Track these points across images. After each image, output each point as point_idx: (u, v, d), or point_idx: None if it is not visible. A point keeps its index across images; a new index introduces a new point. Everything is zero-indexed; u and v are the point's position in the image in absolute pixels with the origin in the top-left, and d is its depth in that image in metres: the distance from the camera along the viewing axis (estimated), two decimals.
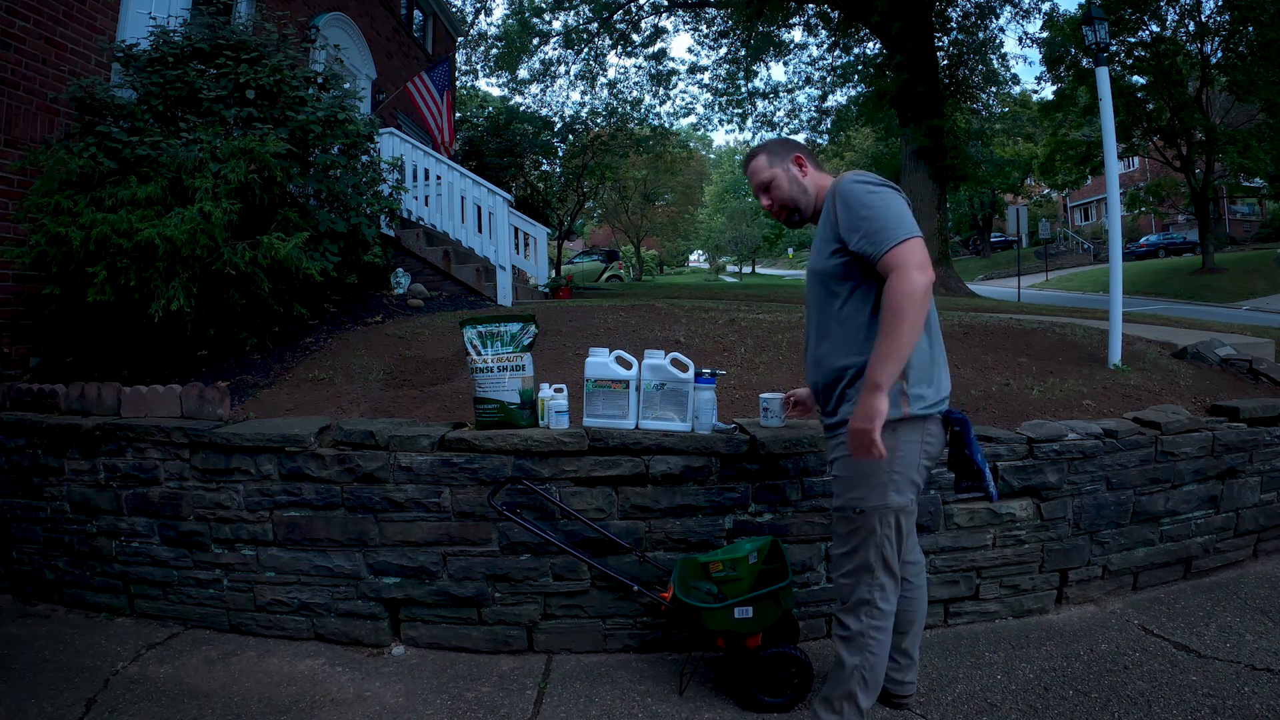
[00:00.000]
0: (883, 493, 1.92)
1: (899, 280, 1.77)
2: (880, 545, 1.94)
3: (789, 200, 2.11)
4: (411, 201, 7.09)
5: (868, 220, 1.84)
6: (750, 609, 2.29)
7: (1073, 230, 39.07)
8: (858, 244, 1.86)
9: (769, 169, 2.11)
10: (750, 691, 2.32)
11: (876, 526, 1.93)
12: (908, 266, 1.77)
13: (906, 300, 1.75)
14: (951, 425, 2.05)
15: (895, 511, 1.93)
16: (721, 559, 2.38)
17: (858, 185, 1.89)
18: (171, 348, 4.04)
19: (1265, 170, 19.66)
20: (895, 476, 1.91)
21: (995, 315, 6.10)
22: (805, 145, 2.19)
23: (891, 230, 1.81)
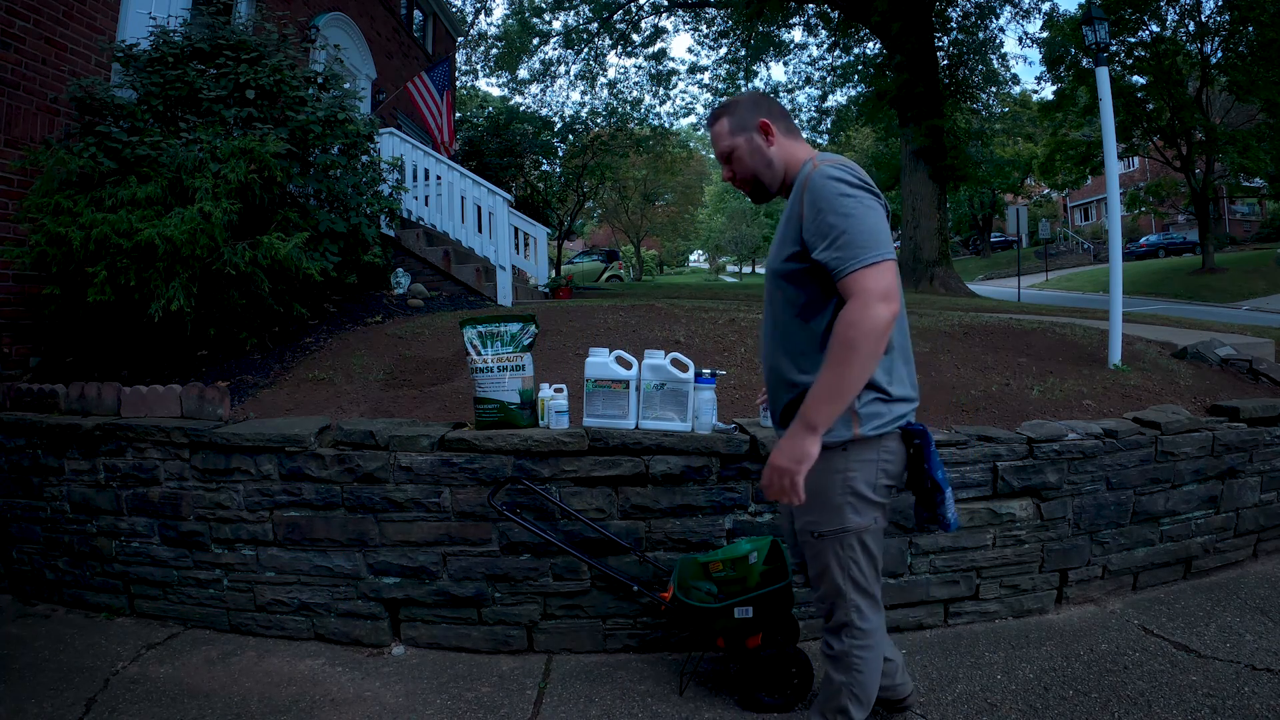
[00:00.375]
0: (839, 516, 1.75)
1: (858, 309, 1.56)
2: (846, 567, 1.78)
3: (749, 175, 1.85)
4: (411, 201, 7.09)
5: (837, 230, 1.61)
6: (750, 609, 2.29)
7: (1073, 230, 39.08)
8: (822, 254, 1.63)
9: (730, 137, 1.84)
10: (751, 691, 2.32)
11: (838, 550, 1.77)
12: (871, 295, 1.56)
13: (862, 335, 1.55)
14: (912, 439, 1.80)
15: (855, 533, 1.76)
16: (721, 559, 2.38)
17: (832, 183, 1.65)
18: (171, 348, 4.04)
19: (1265, 170, 19.66)
20: (851, 499, 1.74)
21: (995, 315, 6.10)
22: (777, 106, 1.89)
23: (861, 248, 1.59)
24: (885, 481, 1.77)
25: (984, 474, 2.84)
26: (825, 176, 1.67)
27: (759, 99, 1.89)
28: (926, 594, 2.83)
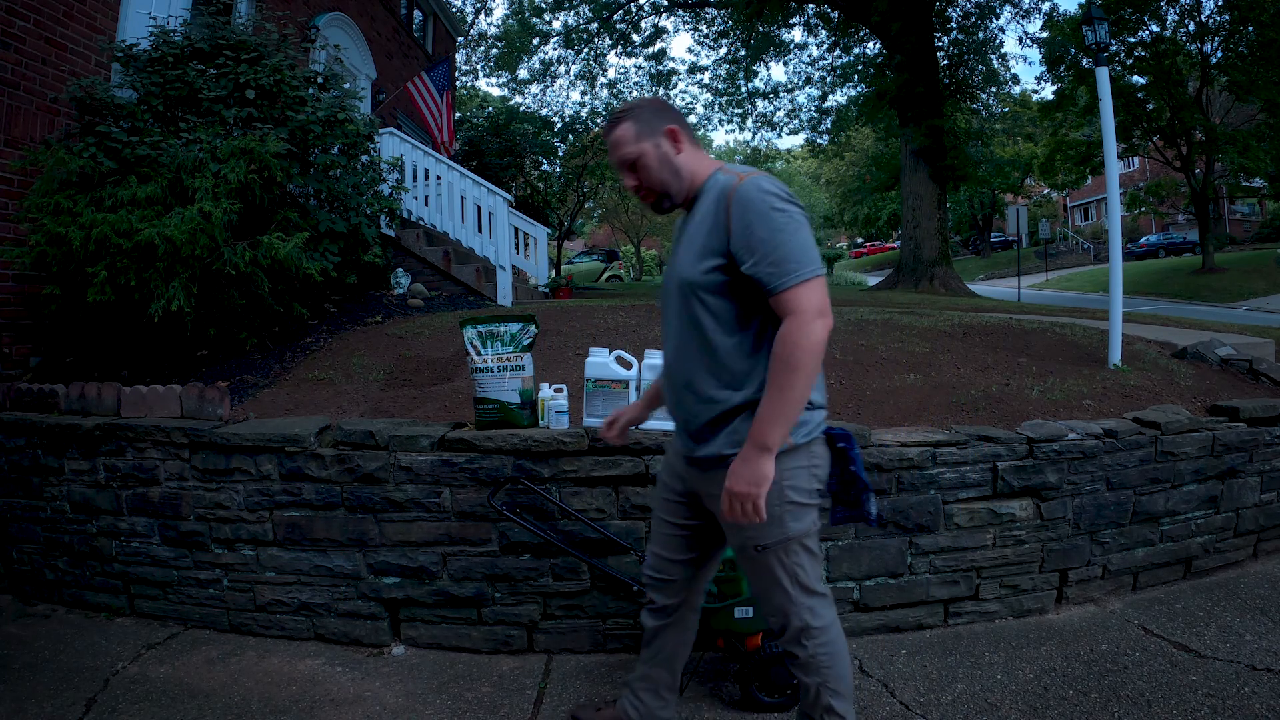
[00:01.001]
0: (780, 526, 1.72)
1: (797, 329, 1.54)
2: (793, 574, 1.76)
3: (659, 184, 1.76)
4: (411, 201, 7.09)
5: (770, 244, 1.57)
6: (751, 609, 2.29)
7: (1073, 230, 39.08)
8: (753, 268, 1.59)
9: (635, 142, 1.75)
10: (751, 691, 2.32)
11: (783, 558, 1.74)
12: (808, 314, 1.55)
13: (805, 354, 1.54)
14: (835, 442, 1.80)
15: (797, 539, 1.74)
16: (721, 559, 2.38)
17: (764, 196, 1.60)
18: (171, 348, 4.04)
19: (1265, 170, 19.65)
20: (789, 507, 1.71)
21: (995, 315, 6.10)
22: (680, 113, 1.83)
23: (796, 263, 1.56)
24: (816, 485, 1.78)
25: (984, 474, 2.84)
26: (758, 189, 1.61)
27: (662, 104, 1.82)
28: (926, 594, 2.83)
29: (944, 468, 2.80)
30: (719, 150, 47.09)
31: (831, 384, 3.61)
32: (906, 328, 4.80)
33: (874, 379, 3.68)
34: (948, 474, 2.81)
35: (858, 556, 2.78)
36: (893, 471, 2.77)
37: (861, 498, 1.86)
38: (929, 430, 2.95)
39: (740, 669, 2.34)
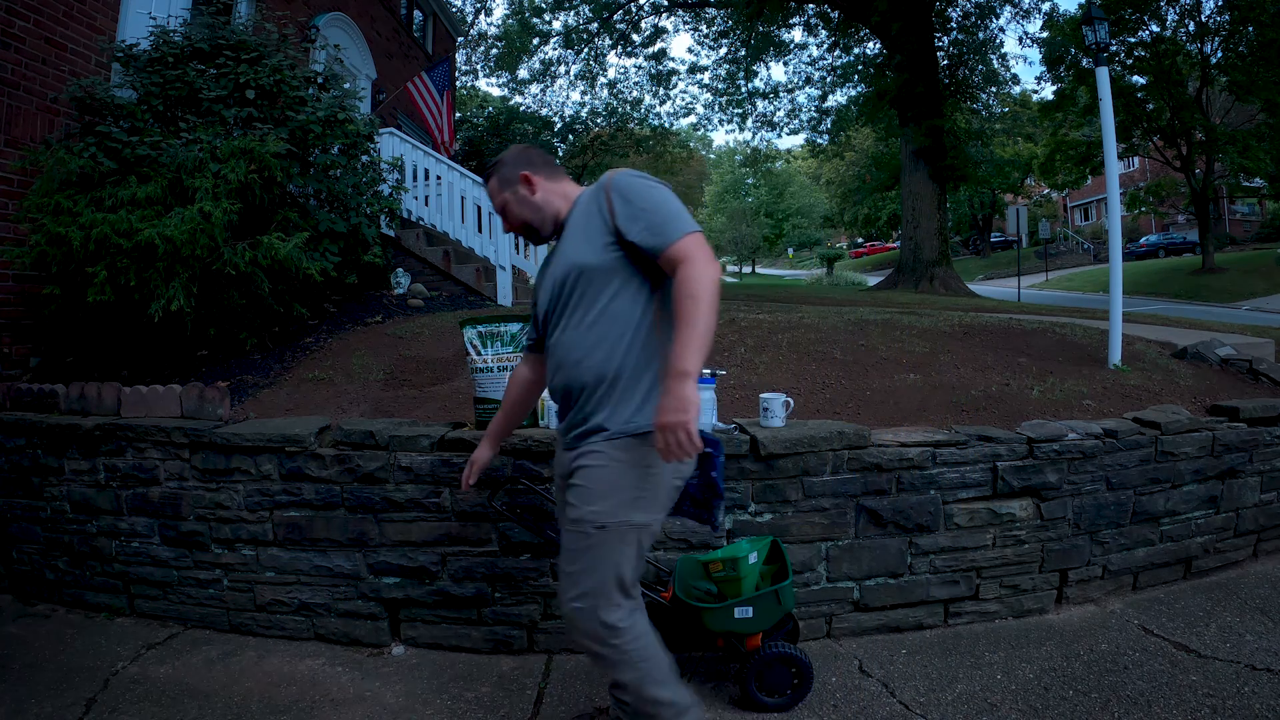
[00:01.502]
0: (629, 508, 1.75)
1: (694, 268, 1.67)
2: (617, 564, 1.76)
3: (520, 222, 1.99)
4: (411, 201, 7.09)
5: (649, 212, 1.74)
6: (751, 609, 2.29)
7: (1073, 230, 39.08)
8: (639, 234, 1.73)
9: (499, 194, 2.00)
10: (750, 691, 2.32)
11: (616, 544, 1.75)
12: (700, 259, 1.68)
13: (703, 288, 1.65)
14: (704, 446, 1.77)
15: (638, 530, 1.77)
16: (721, 559, 2.38)
17: (636, 179, 1.81)
18: (171, 348, 4.04)
19: (1265, 170, 19.64)
20: (645, 493, 1.76)
21: (995, 315, 6.10)
22: (538, 158, 2.02)
23: (677, 222, 1.73)
24: (676, 481, 1.83)
25: (984, 474, 2.84)
26: (628, 174, 1.82)
27: (519, 154, 2.02)
28: (926, 594, 2.83)
29: (944, 468, 2.80)
30: (719, 150, 47.18)
31: (831, 384, 3.61)
32: (906, 328, 4.80)
33: (874, 379, 3.68)
34: (948, 474, 2.81)
35: (858, 556, 2.78)
36: (893, 471, 2.77)
37: (713, 503, 1.96)
38: (929, 430, 2.95)
39: (739, 669, 2.34)
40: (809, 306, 6.57)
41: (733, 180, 44.89)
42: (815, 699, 2.39)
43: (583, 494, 1.78)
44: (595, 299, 1.81)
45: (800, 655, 2.34)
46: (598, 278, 1.80)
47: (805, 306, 6.52)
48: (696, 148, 35.07)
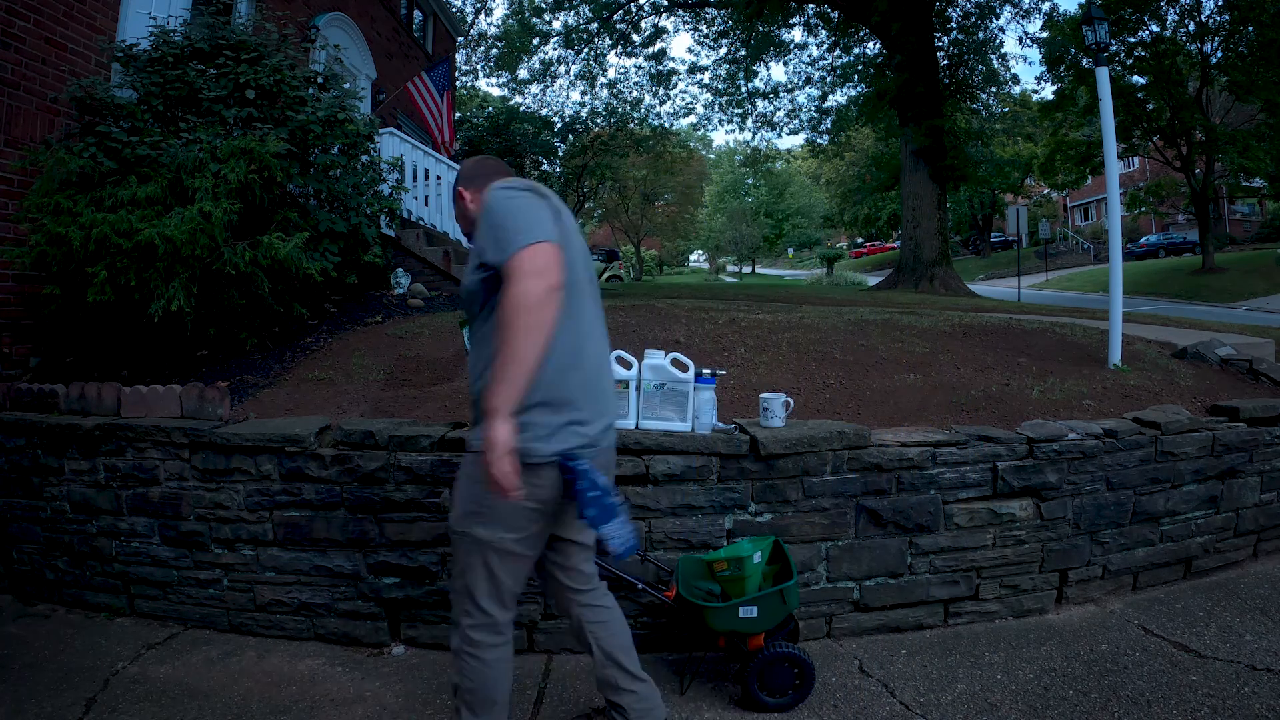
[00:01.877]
0: (470, 520, 1.77)
1: (513, 287, 1.58)
2: (464, 574, 1.80)
3: (466, 230, 2.04)
4: (411, 201, 7.09)
5: (496, 229, 1.66)
6: (755, 608, 2.29)
7: (1073, 230, 39.07)
8: (490, 255, 1.68)
9: (455, 204, 2.08)
10: (752, 691, 2.32)
11: (463, 554, 1.80)
12: (520, 273, 1.57)
13: (513, 311, 1.56)
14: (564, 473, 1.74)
15: (482, 546, 1.76)
16: (726, 558, 2.38)
17: (498, 192, 1.73)
18: (171, 348, 4.04)
19: (1265, 170, 19.64)
20: (483, 510, 1.74)
21: (995, 315, 6.10)
22: (472, 172, 2.04)
23: (516, 233, 1.62)
24: (533, 505, 1.73)
25: (984, 474, 2.84)
26: (494, 189, 1.76)
27: (466, 168, 2.09)
28: (926, 594, 2.83)
29: (944, 468, 2.80)
30: (719, 150, 47.17)
31: (831, 384, 3.61)
32: (906, 328, 4.80)
33: (874, 379, 3.68)
34: (948, 474, 2.81)
35: (858, 556, 2.78)
36: (893, 471, 2.77)
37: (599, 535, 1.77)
38: (929, 430, 2.95)
39: (741, 668, 2.34)
40: (809, 306, 6.57)
41: (733, 180, 44.90)
42: (815, 699, 2.39)
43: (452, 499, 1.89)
44: (477, 320, 1.84)
45: (802, 655, 2.34)
46: (474, 300, 1.81)
47: (805, 306, 6.52)
48: (696, 148, 35.05)
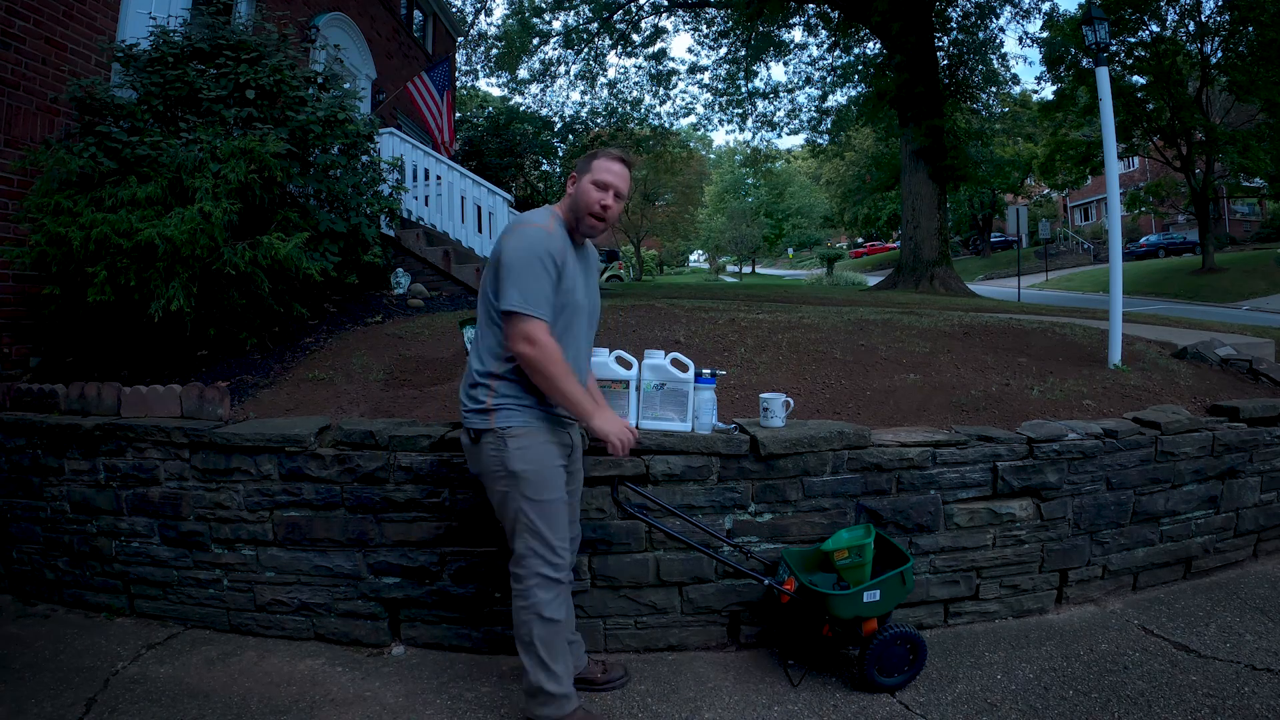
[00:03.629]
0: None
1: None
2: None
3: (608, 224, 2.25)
4: (411, 201, 7.09)
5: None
6: (878, 592, 2.34)
7: (1073, 230, 39.06)
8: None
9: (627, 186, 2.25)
10: (869, 674, 2.37)
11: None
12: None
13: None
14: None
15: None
16: (847, 546, 2.43)
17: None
18: (171, 348, 4.04)
19: (1265, 170, 19.64)
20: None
21: (995, 315, 6.10)
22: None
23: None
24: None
25: (984, 474, 2.84)
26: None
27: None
28: (926, 594, 2.83)
29: (944, 468, 2.80)
30: (719, 150, 47.18)
31: (831, 384, 3.61)
32: (906, 328, 4.80)
33: (874, 379, 3.68)
34: (948, 474, 2.81)
35: None
36: (893, 471, 2.77)
37: None
38: (929, 430, 2.95)
39: (861, 652, 2.40)
40: (809, 306, 6.57)
41: (733, 180, 44.88)
42: (815, 699, 2.39)
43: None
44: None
45: (916, 634, 2.41)
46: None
47: (805, 306, 6.52)
48: (696, 148, 35.03)
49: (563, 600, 2.17)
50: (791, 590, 2.43)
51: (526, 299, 2.00)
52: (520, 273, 2.01)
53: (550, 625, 2.12)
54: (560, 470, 2.19)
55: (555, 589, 2.13)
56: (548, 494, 2.13)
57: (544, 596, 2.11)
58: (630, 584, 2.71)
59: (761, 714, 2.32)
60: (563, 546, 2.15)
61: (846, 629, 2.44)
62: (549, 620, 2.11)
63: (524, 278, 2.01)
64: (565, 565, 2.17)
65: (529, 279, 2.01)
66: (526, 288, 2.00)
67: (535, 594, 2.11)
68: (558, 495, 2.16)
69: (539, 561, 2.12)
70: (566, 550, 2.17)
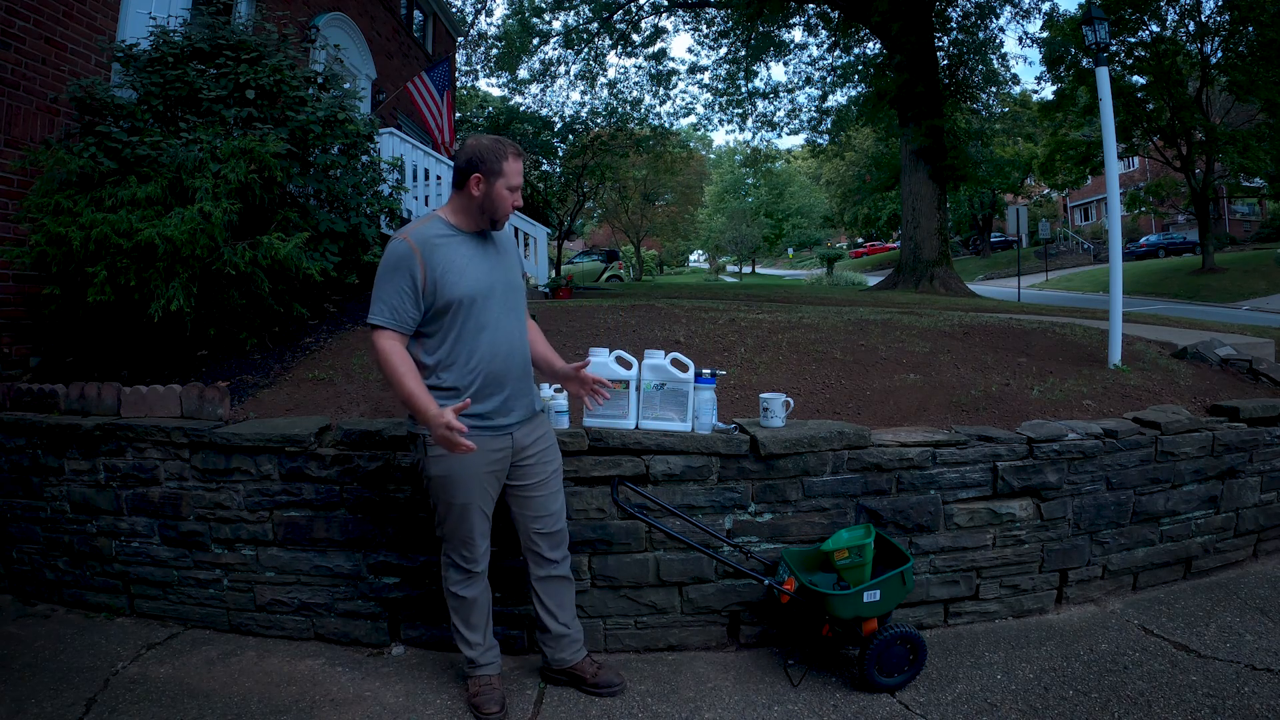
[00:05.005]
0: None
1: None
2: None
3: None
4: (411, 201, 7.09)
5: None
6: (878, 592, 2.35)
7: (1073, 230, 39.06)
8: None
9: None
10: (869, 674, 2.37)
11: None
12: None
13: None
14: None
15: None
16: (848, 546, 2.44)
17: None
18: (171, 348, 4.04)
19: (1265, 170, 19.64)
20: None
21: (995, 315, 6.10)
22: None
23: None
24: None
25: (984, 474, 2.84)
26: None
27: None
28: (926, 594, 2.83)
29: (944, 468, 2.80)
30: (719, 150, 47.18)
31: (831, 384, 3.61)
32: (906, 328, 4.80)
33: (874, 379, 3.68)
34: (948, 474, 2.81)
35: None
36: (893, 471, 2.77)
37: None
38: (929, 430, 2.95)
39: (861, 652, 2.40)
40: (809, 306, 6.57)
41: (733, 180, 44.86)
42: (815, 699, 2.39)
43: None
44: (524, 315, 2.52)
45: (916, 634, 2.41)
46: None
47: (805, 306, 6.52)
48: (696, 148, 35.03)
49: (473, 583, 2.38)
50: (791, 590, 2.43)
51: (373, 311, 2.19)
52: (377, 286, 2.21)
53: (461, 600, 2.39)
54: (483, 477, 2.26)
55: (464, 574, 2.37)
56: (459, 498, 2.26)
57: (454, 576, 2.38)
58: (630, 584, 2.71)
59: (761, 714, 2.33)
60: (475, 542, 2.33)
61: (846, 629, 2.44)
62: (459, 597, 2.38)
63: (378, 289, 2.20)
64: (476, 558, 2.36)
65: (380, 290, 2.19)
66: (376, 299, 2.19)
67: (448, 572, 2.39)
68: (469, 500, 2.27)
69: (450, 548, 2.37)
70: (478, 545, 2.34)
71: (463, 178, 2.25)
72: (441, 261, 2.19)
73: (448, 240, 2.24)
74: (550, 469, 2.42)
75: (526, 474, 2.36)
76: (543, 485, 2.39)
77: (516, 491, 2.37)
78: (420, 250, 2.18)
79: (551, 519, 2.41)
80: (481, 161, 2.22)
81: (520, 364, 2.34)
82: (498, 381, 2.26)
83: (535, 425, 2.40)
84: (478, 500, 2.28)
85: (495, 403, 2.26)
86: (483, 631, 2.43)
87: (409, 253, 2.18)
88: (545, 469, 2.40)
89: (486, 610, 2.45)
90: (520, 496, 2.37)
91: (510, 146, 2.28)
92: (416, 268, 2.17)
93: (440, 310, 2.20)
